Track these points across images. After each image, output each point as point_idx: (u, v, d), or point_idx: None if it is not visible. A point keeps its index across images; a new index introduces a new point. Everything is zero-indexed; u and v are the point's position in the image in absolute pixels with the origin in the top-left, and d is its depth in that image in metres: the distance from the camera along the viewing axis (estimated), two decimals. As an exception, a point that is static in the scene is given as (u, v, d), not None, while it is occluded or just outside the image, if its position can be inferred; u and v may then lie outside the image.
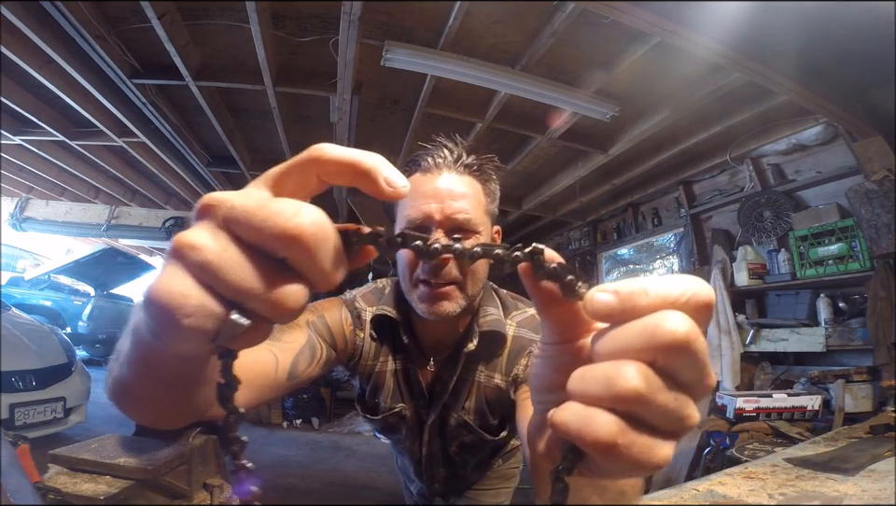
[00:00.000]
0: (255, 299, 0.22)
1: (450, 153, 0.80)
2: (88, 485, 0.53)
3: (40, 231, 5.21)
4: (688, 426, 0.23)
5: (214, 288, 0.22)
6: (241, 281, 0.22)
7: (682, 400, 0.22)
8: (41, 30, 2.10)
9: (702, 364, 0.22)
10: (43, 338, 3.17)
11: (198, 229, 0.23)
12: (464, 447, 0.93)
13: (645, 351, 0.21)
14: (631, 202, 4.23)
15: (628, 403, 0.21)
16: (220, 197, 0.23)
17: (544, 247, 0.27)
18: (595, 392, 0.22)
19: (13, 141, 3.55)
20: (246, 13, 1.91)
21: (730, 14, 1.74)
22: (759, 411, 2.27)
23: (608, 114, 2.58)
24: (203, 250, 0.22)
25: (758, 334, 3.03)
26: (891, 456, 1.14)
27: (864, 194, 2.40)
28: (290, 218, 0.22)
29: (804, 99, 2.20)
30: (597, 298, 0.23)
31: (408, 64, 2.22)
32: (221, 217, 0.23)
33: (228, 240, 0.22)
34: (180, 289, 0.22)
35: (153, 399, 0.38)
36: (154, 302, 0.22)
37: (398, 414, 0.90)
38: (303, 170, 0.25)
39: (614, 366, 0.22)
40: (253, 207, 0.22)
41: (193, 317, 0.22)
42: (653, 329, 0.21)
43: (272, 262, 0.23)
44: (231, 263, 0.22)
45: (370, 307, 0.88)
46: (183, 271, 0.22)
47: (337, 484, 3.22)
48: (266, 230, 0.22)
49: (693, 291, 0.23)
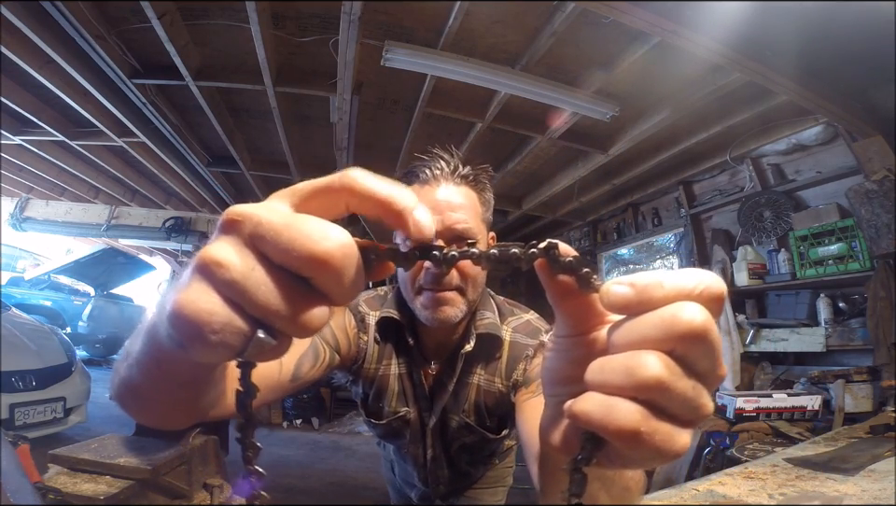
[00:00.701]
0: (280, 319, 0.22)
1: (446, 164, 0.83)
2: (88, 485, 0.53)
3: (40, 231, 5.21)
4: (704, 414, 0.23)
5: (240, 305, 0.22)
6: (267, 301, 0.22)
7: (699, 389, 0.23)
8: (41, 30, 2.10)
9: (716, 354, 0.23)
10: (43, 338, 3.17)
11: (223, 244, 0.23)
12: (465, 448, 0.94)
13: (664, 341, 0.22)
14: (631, 202, 4.23)
15: (650, 391, 0.22)
16: (246, 212, 0.23)
17: (559, 242, 0.27)
18: (616, 382, 0.22)
19: (13, 141, 3.55)
20: (246, 13, 1.91)
21: (730, 14, 1.74)
22: (759, 411, 2.27)
23: (608, 114, 2.58)
24: (230, 269, 0.22)
25: (758, 334, 3.03)
26: (891, 456, 1.14)
27: (864, 194, 2.40)
28: (319, 242, 0.22)
29: (804, 99, 2.20)
30: (614, 290, 0.24)
31: (408, 64, 2.22)
32: (248, 233, 0.23)
33: (254, 258, 0.22)
34: (207, 306, 0.22)
35: (161, 400, 0.38)
36: (181, 316, 0.22)
37: (402, 417, 0.91)
38: (333, 195, 0.25)
39: (634, 356, 0.22)
40: (280, 226, 0.22)
41: (220, 334, 0.22)
42: (671, 319, 0.22)
43: (296, 281, 0.23)
44: (258, 283, 0.22)
45: (373, 311, 0.90)
46: (209, 287, 0.22)
47: (337, 484, 3.22)
48: (294, 251, 0.22)
49: (706, 284, 0.23)
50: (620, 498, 0.39)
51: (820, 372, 2.52)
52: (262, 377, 0.64)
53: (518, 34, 2.15)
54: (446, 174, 0.82)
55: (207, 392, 0.39)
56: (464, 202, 0.81)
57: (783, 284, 2.96)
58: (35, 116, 3.07)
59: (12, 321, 3.18)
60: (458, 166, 0.83)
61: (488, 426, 0.91)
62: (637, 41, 2.09)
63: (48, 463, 0.56)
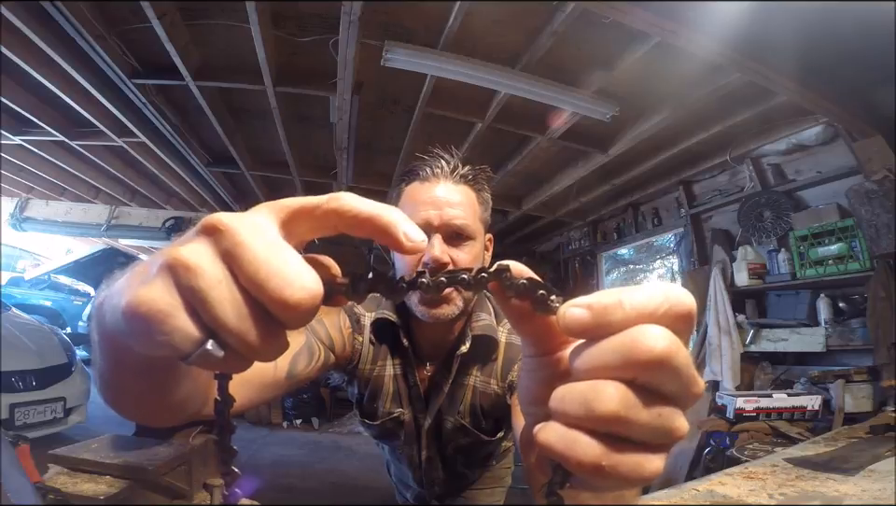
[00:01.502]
0: (235, 338, 0.22)
1: (446, 164, 0.84)
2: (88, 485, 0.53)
3: (40, 231, 5.21)
4: (676, 438, 0.22)
5: (198, 313, 0.22)
6: (227, 319, 0.21)
7: (667, 414, 0.21)
8: (41, 30, 2.09)
9: (685, 376, 0.21)
10: (43, 338, 3.17)
11: (197, 249, 0.22)
12: (460, 450, 0.94)
13: (623, 369, 0.21)
14: (631, 202, 4.23)
15: (608, 424, 0.21)
16: (230, 225, 0.22)
17: (510, 263, 0.26)
18: (574, 413, 0.22)
19: (13, 141, 3.55)
20: (246, 13, 1.91)
21: (730, 14, 1.74)
22: (759, 411, 2.27)
23: (608, 114, 2.58)
24: (198, 275, 0.21)
25: (758, 334, 3.03)
26: (891, 456, 1.14)
27: (864, 194, 2.39)
28: (295, 293, 0.21)
29: (804, 99, 2.20)
30: (569, 313, 0.23)
31: (408, 64, 2.22)
32: (225, 247, 0.22)
33: (223, 270, 0.22)
34: (164, 307, 0.21)
35: (130, 388, 0.37)
36: (137, 311, 0.21)
37: (396, 418, 0.91)
38: (321, 217, 0.25)
39: (591, 387, 0.21)
40: (260, 258, 0.22)
41: (169, 336, 0.21)
42: (630, 345, 0.21)
43: (257, 304, 0.22)
44: (222, 298, 0.21)
45: (368, 312, 0.91)
46: (172, 288, 0.22)
47: (337, 484, 3.22)
48: (267, 291, 0.21)
49: (671, 301, 0.22)
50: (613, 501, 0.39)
51: (820, 372, 2.53)
52: (258, 374, 0.64)
53: (518, 34, 2.15)
54: (445, 172, 0.84)
55: (178, 384, 0.37)
56: (462, 199, 0.82)
57: (783, 284, 2.96)
58: (35, 116, 3.07)
59: (12, 321, 3.18)
60: (458, 166, 0.85)
61: (484, 428, 0.91)
62: (637, 41, 2.09)
63: (48, 463, 0.56)
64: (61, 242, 8.99)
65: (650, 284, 0.23)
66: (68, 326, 6.67)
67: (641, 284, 0.23)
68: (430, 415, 0.90)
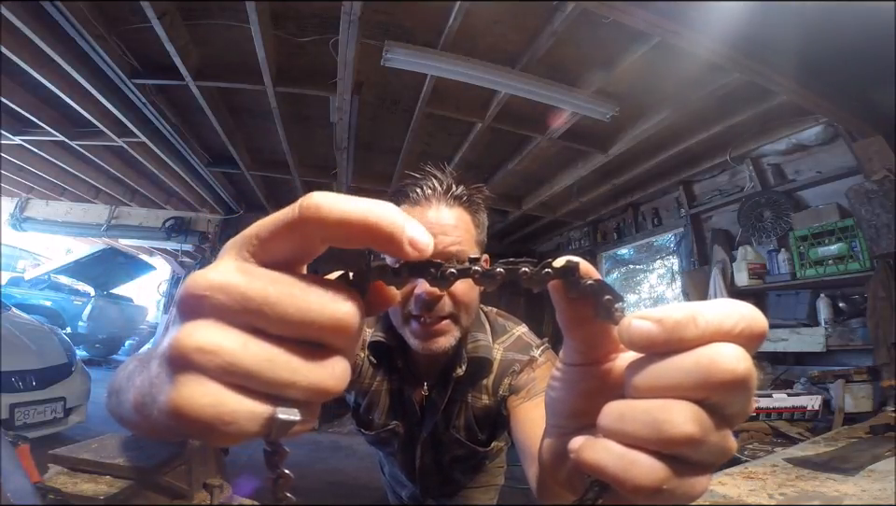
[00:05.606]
0: (298, 389, 0.19)
1: (439, 184, 0.78)
2: (88, 485, 0.53)
3: (40, 231, 5.22)
4: (728, 457, 0.21)
5: (247, 387, 0.19)
6: (277, 376, 0.19)
7: (725, 434, 0.21)
8: (41, 30, 2.10)
9: (752, 398, 0.20)
10: (43, 338, 3.17)
11: (196, 327, 0.19)
12: (456, 459, 0.96)
13: (696, 389, 0.19)
14: (631, 202, 4.23)
15: (678, 447, 0.20)
16: (216, 283, 0.19)
17: (580, 261, 0.24)
18: (638, 434, 0.20)
19: (13, 141, 3.55)
20: (246, 13, 1.91)
21: (730, 14, 1.74)
22: (759, 411, 2.27)
23: (607, 114, 2.58)
24: (218, 352, 0.18)
25: (758, 334, 3.02)
26: (891, 456, 1.14)
27: (864, 194, 2.39)
28: (337, 309, 0.20)
29: (804, 99, 2.20)
30: (636, 325, 0.21)
31: (408, 64, 2.22)
32: (225, 308, 0.19)
33: (239, 332, 0.19)
34: (208, 401, 0.18)
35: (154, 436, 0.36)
36: (183, 420, 0.19)
37: (391, 430, 0.92)
38: (297, 233, 0.20)
39: (663, 408, 0.20)
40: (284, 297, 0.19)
41: (235, 425, 0.19)
42: (708, 365, 0.19)
43: (299, 344, 0.20)
44: (259, 359, 0.19)
45: (368, 329, 0.89)
46: (202, 378, 0.19)
47: (337, 484, 3.22)
48: (314, 323, 0.19)
49: (747, 320, 0.20)
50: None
51: (820, 372, 2.52)
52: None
53: (518, 34, 2.15)
54: (438, 194, 0.77)
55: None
56: (457, 224, 0.76)
57: (783, 284, 2.96)
58: (35, 116, 3.07)
59: (12, 321, 3.18)
60: (451, 186, 0.78)
61: (479, 439, 0.91)
62: (637, 41, 2.09)
63: (48, 463, 0.56)
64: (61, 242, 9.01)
65: (720, 301, 0.21)
66: (68, 326, 6.67)
67: (711, 300, 0.22)
68: (426, 429, 0.90)
